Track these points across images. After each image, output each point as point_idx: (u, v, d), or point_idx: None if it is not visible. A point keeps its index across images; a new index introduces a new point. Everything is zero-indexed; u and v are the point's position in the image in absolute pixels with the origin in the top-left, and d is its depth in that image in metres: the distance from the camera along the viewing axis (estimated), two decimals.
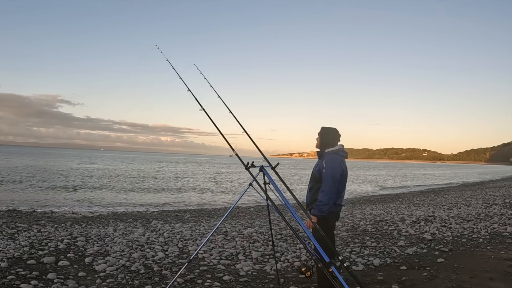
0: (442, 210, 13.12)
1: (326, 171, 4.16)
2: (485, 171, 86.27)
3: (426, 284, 4.95)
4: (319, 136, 4.44)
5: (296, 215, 3.92)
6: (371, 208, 14.07)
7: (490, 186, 29.93)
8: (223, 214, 11.98)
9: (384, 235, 8.28)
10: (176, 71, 4.55)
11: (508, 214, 11.34)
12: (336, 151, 4.33)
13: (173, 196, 20.63)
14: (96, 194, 20.11)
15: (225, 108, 4.55)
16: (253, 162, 4.03)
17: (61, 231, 8.07)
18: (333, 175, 4.16)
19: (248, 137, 4.37)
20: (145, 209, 14.67)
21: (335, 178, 4.16)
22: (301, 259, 6.17)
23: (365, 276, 5.28)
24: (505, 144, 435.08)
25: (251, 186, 4.07)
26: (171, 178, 35.11)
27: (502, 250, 6.75)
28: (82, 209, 14.04)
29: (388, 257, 6.36)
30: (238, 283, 4.99)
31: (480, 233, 8.36)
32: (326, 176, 4.15)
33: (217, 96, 4.65)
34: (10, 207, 13.26)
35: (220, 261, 5.98)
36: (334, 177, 4.16)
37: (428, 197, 19.54)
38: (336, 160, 4.24)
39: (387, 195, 22.86)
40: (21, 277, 4.85)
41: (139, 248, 6.69)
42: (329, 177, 4.14)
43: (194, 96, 4.33)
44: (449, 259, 6.19)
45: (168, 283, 4.75)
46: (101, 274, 5.16)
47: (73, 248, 6.54)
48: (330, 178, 4.13)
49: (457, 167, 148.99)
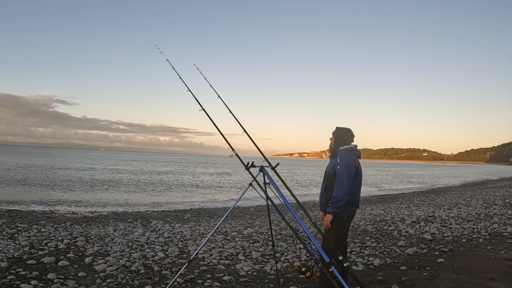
0: (442, 210, 13.12)
1: (340, 167, 4.07)
2: (485, 171, 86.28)
3: (426, 284, 4.94)
4: (333, 135, 4.37)
5: (296, 215, 3.92)
6: (371, 208, 14.07)
7: (490, 186, 29.94)
8: (223, 214, 11.98)
9: (384, 235, 8.28)
10: (176, 71, 4.54)
11: (508, 214, 11.34)
12: (350, 149, 4.26)
13: (173, 196, 20.64)
14: (96, 194, 20.12)
15: (225, 108, 4.55)
16: (253, 162, 4.02)
17: (61, 231, 8.07)
18: (348, 170, 4.05)
19: (248, 137, 4.36)
20: (145, 209, 14.67)
21: (350, 174, 4.05)
22: (301, 259, 6.17)
23: (365, 276, 5.28)
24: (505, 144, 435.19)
25: (251, 186, 4.07)
26: (171, 178, 35.11)
27: (502, 250, 6.74)
28: (82, 209, 14.04)
29: (388, 257, 6.36)
30: (238, 283, 4.99)
31: (480, 233, 8.36)
32: (340, 172, 4.04)
33: (217, 96, 4.65)
34: (10, 207, 13.26)
35: (220, 261, 5.98)
36: (349, 172, 4.05)
37: (428, 197, 19.55)
38: (350, 157, 4.18)
39: (387, 195, 22.87)
40: (21, 277, 4.85)
41: (139, 248, 6.69)
42: (343, 171, 4.03)
43: (194, 96, 4.33)
44: (449, 259, 6.19)
45: (168, 283, 4.75)
46: (101, 274, 5.16)
47: (73, 248, 6.54)
48: (345, 173, 4.03)
49: (457, 167, 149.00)
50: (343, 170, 4.05)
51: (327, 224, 4.05)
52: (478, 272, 5.43)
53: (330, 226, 4.05)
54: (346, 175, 4.03)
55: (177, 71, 4.53)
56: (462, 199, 17.45)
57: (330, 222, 4.05)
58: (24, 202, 15.39)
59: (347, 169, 4.06)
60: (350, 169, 4.08)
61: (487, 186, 29.43)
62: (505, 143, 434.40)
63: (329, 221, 4.04)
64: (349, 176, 4.05)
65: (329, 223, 4.04)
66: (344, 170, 4.05)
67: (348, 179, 4.04)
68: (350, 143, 4.34)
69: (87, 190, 21.45)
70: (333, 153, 4.32)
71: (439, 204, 15.61)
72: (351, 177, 4.08)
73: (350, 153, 4.22)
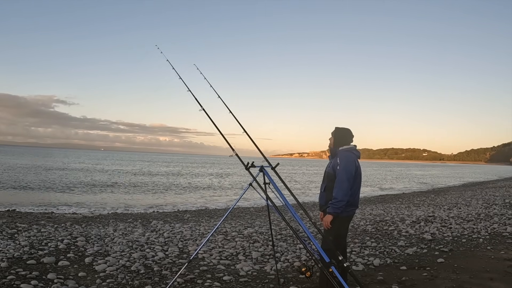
0: (442, 210, 13.12)
1: (340, 167, 4.06)
2: (485, 171, 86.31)
3: (426, 284, 4.94)
4: (333, 135, 4.37)
5: (296, 215, 3.92)
6: (371, 208, 14.07)
7: (490, 186, 29.94)
8: (223, 214, 11.98)
9: (384, 235, 8.28)
10: (176, 71, 4.54)
11: (508, 214, 11.34)
12: (349, 149, 4.26)
13: (173, 196, 20.64)
14: (96, 194, 20.12)
15: (225, 108, 4.55)
16: (253, 162, 4.02)
17: (61, 231, 8.07)
18: (348, 171, 4.05)
19: (248, 137, 4.36)
20: (145, 209, 14.68)
21: (350, 175, 4.05)
22: (301, 259, 6.17)
23: (365, 276, 5.28)
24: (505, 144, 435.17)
25: (251, 186, 4.07)
26: (171, 178, 35.11)
27: (502, 250, 6.75)
28: (82, 209, 14.04)
29: (388, 257, 6.36)
30: (238, 283, 4.99)
31: (480, 233, 8.36)
32: (340, 172, 4.04)
33: (217, 96, 4.65)
34: (10, 207, 13.26)
35: (220, 261, 5.98)
36: (349, 172, 4.05)
37: (428, 197, 19.55)
38: (350, 157, 4.18)
39: (387, 195, 22.88)
40: (21, 277, 4.85)
41: (139, 248, 6.69)
42: (343, 172, 4.03)
43: (194, 96, 4.33)
44: (449, 259, 6.19)
45: (168, 283, 4.75)
46: (101, 274, 5.16)
47: (73, 248, 6.53)
48: (345, 173, 4.02)
49: (457, 167, 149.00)
50: (343, 171, 4.05)
51: (327, 225, 4.05)
52: (478, 272, 5.43)
53: (330, 227, 4.06)
54: (346, 176, 4.03)
55: (177, 71, 4.53)
56: (462, 199, 17.45)
57: (330, 223, 4.05)
58: (24, 202, 15.40)
59: (347, 170, 4.06)
60: (350, 169, 4.08)
61: (487, 186, 29.44)
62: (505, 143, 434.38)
63: (329, 221, 4.03)
64: (349, 177, 4.05)
65: (329, 223, 4.04)
66: (344, 170, 4.05)
67: (348, 180, 4.03)
68: (350, 143, 4.34)
69: (87, 190, 21.45)
70: (333, 153, 4.31)
71: (439, 204, 15.61)
72: (351, 178, 4.08)
73: (350, 154, 4.22)
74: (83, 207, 14.88)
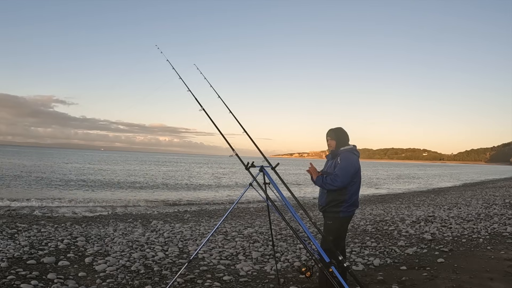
0: (442, 210, 13.12)
1: (341, 165, 4.09)
2: (485, 171, 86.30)
3: (426, 284, 4.94)
4: (334, 137, 4.33)
5: (296, 215, 3.92)
6: (371, 208, 14.07)
7: (490, 186, 29.96)
8: (223, 214, 11.99)
9: (384, 235, 8.28)
10: (176, 71, 4.54)
11: (508, 214, 11.34)
12: (351, 150, 4.27)
13: (173, 196, 20.62)
14: (96, 194, 20.11)
15: (225, 108, 4.55)
16: (253, 162, 4.02)
17: (61, 231, 8.07)
18: (349, 169, 4.08)
19: (248, 137, 4.36)
20: (145, 209, 14.67)
21: (350, 173, 4.07)
22: (301, 259, 6.17)
23: (365, 276, 5.28)
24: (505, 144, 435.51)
25: (251, 186, 4.07)
26: (171, 178, 35.11)
27: (502, 250, 6.75)
28: (82, 209, 14.04)
29: (388, 257, 6.37)
30: (238, 283, 5.00)
31: (480, 233, 8.36)
32: (341, 167, 4.07)
33: (217, 96, 4.65)
34: (10, 207, 13.26)
35: (220, 261, 5.98)
36: (350, 171, 4.08)
37: (428, 197, 19.55)
38: (352, 158, 4.20)
39: (387, 195, 22.88)
40: (21, 277, 4.85)
41: (139, 248, 6.69)
42: (344, 168, 4.06)
43: (194, 96, 4.33)
44: (449, 259, 6.19)
45: (168, 283, 4.75)
46: (101, 274, 5.16)
47: (73, 248, 6.54)
48: (346, 170, 4.06)
49: (457, 167, 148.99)
50: (344, 167, 4.09)
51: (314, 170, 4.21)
52: (478, 272, 5.43)
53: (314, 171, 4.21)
54: (346, 170, 4.08)
55: (177, 71, 4.53)
56: (462, 199, 17.46)
57: (330, 224, 4.11)
58: (24, 202, 15.38)
59: (348, 168, 4.10)
60: (351, 168, 4.12)
61: (487, 186, 29.45)
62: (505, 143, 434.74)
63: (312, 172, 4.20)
64: (350, 173, 4.09)
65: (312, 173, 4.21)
66: (346, 167, 4.09)
67: (349, 174, 4.08)
68: (348, 143, 4.36)
69: (87, 190, 21.44)
70: (334, 154, 4.33)
71: (439, 204, 15.61)
72: (351, 175, 4.11)
73: (352, 155, 4.25)
74: (83, 207, 14.88)
